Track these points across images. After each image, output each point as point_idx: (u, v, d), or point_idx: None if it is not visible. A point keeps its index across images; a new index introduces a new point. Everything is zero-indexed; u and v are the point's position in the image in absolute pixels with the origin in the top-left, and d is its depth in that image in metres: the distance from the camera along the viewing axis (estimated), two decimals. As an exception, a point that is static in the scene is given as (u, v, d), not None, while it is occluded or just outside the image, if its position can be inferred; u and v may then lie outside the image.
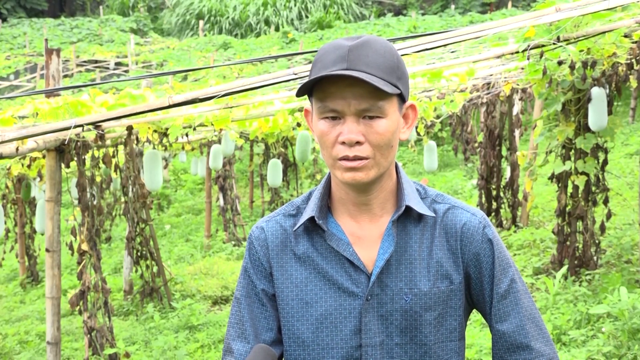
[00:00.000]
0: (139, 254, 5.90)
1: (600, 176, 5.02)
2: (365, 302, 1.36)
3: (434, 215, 1.39)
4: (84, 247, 4.44)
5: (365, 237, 1.38)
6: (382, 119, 1.30)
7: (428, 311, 1.36)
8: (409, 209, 1.38)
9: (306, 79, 1.36)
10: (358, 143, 1.30)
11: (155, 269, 6.05)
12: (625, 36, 4.14)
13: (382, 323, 1.36)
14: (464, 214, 1.41)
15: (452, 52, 5.41)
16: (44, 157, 4.82)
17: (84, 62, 23.94)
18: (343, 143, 1.30)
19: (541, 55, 4.15)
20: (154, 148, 5.32)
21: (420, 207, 1.38)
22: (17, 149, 3.66)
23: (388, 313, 1.36)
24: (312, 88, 1.32)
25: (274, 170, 6.99)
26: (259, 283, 1.42)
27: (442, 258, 1.38)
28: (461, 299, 1.40)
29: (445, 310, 1.38)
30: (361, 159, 1.30)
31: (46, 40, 6.66)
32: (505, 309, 1.40)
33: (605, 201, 5.06)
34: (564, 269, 4.97)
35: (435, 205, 1.42)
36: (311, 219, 1.39)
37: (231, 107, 4.51)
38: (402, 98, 1.34)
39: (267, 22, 28.71)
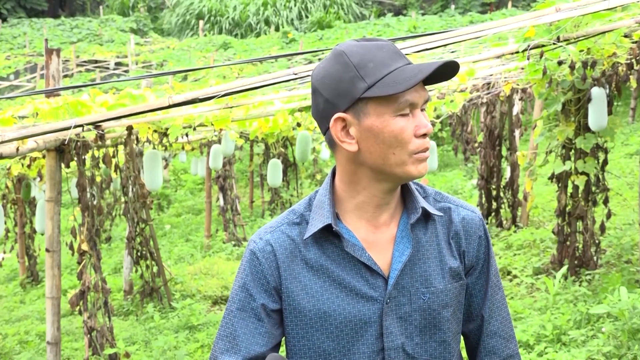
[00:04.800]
0: (139, 254, 5.90)
1: (600, 176, 5.02)
2: (385, 305, 1.34)
3: (442, 215, 1.41)
4: (84, 247, 4.44)
5: (378, 241, 1.37)
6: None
7: (445, 308, 1.38)
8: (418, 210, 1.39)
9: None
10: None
11: (155, 269, 6.04)
12: (625, 36, 4.14)
13: (402, 325, 1.36)
14: (465, 212, 1.44)
15: (452, 52, 5.40)
16: (44, 157, 4.83)
17: (84, 62, 23.96)
18: (424, 135, 1.31)
19: (541, 55, 4.14)
20: (154, 148, 5.32)
21: (430, 208, 1.39)
22: (17, 149, 3.66)
23: (407, 314, 1.36)
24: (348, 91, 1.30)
25: (274, 170, 6.99)
26: (258, 297, 1.36)
27: (449, 255, 1.40)
28: (464, 292, 1.44)
29: (457, 305, 1.41)
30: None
31: (46, 40, 6.65)
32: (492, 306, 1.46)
33: (605, 201, 5.05)
34: (564, 269, 4.97)
35: (437, 204, 1.43)
36: (323, 227, 1.35)
37: (231, 107, 4.51)
38: None
39: (267, 22, 28.73)
